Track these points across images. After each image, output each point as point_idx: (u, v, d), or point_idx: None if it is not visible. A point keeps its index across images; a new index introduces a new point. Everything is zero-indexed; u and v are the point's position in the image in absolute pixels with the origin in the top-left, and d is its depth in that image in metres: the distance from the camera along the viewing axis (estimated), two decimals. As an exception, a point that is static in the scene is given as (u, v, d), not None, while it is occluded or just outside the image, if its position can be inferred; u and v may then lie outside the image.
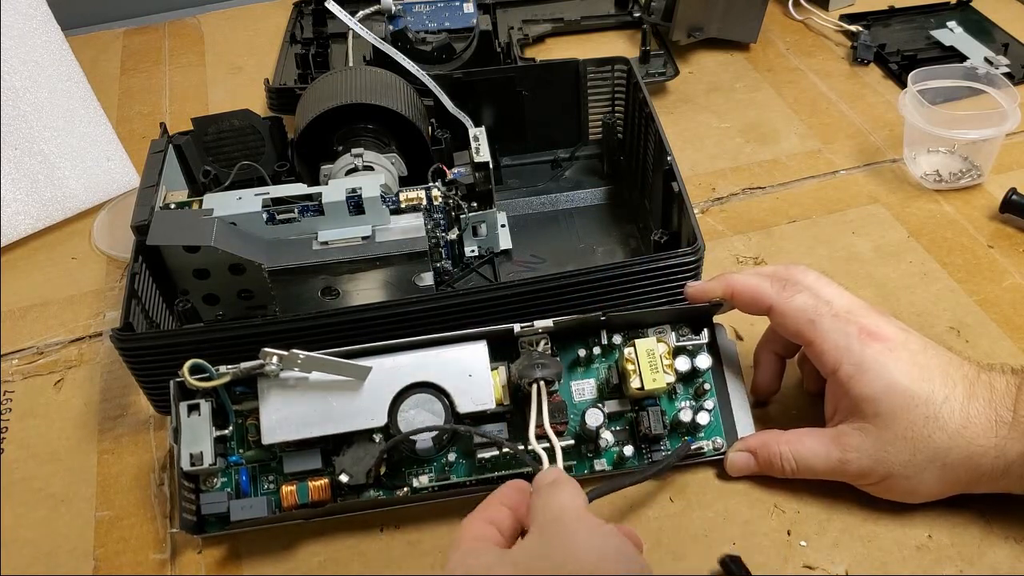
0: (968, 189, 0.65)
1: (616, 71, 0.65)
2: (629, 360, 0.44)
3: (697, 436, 0.46)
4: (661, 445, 0.46)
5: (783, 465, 0.44)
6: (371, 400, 0.43)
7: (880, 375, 0.41)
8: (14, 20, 0.65)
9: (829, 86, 0.77)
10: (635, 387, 0.44)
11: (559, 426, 0.43)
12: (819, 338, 0.43)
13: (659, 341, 0.45)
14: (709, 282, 0.46)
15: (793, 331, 0.44)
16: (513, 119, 0.67)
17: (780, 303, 0.44)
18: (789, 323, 0.44)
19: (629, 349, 0.45)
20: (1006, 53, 0.77)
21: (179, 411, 0.44)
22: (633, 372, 0.44)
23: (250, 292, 0.54)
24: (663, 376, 0.44)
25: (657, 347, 0.44)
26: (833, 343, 0.42)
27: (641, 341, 0.45)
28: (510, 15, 0.87)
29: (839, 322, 0.43)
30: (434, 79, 0.62)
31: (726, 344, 0.48)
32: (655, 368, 0.44)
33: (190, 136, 0.60)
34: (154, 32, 0.93)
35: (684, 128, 0.73)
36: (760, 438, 0.45)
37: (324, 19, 0.85)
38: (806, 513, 0.44)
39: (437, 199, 0.54)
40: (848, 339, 0.42)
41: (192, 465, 0.43)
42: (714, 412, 0.47)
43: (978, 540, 0.43)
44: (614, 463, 0.46)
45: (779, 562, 0.43)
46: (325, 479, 0.44)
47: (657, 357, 0.44)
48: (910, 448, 0.41)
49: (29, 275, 0.64)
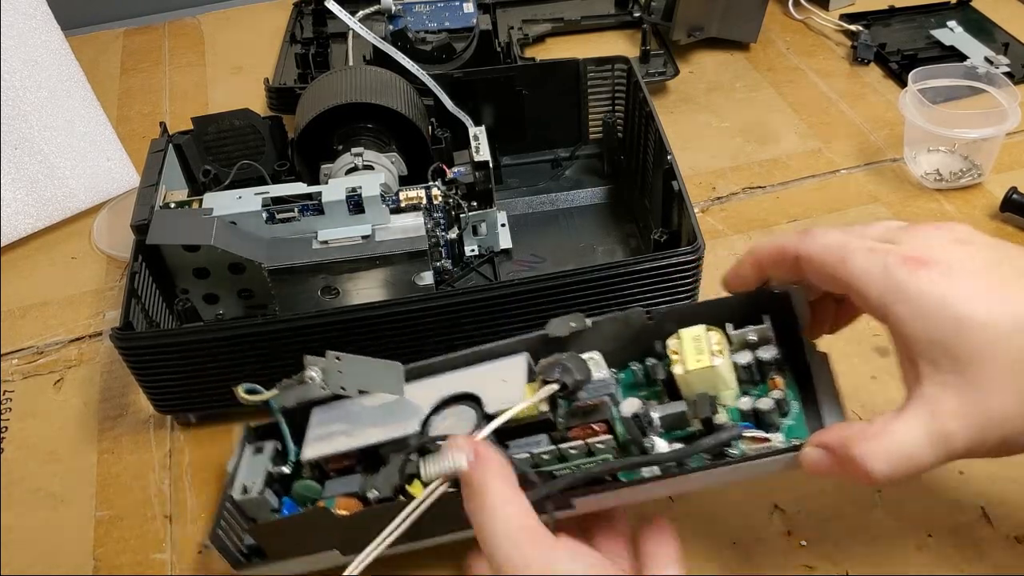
0: (968, 188, 0.65)
1: (616, 71, 0.65)
2: (674, 351, 0.39)
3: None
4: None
5: (869, 467, 0.33)
6: (407, 416, 0.42)
7: (941, 311, 0.32)
8: (14, 20, 0.65)
9: (829, 86, 0.77)
10: (678, 373, 0.38)
11: (597, 427, 0.38)
12: (855, 279, 0.34)
13: (709, 329, 0.39)
14: (736, 263, 0.41)
15: (827, 277, 0.36)
16: (513, 118, 0.67)
17: (804, 246, 0.36)
18: (819, 268, 0.36)
19: (673, 340, 0.39)
20: (1006, 52, 0.77)
21: (244, 451, 0.44)
22: (677, 360, 0.38)
23: (250, 291, 0.54)
24: (709, 357, 0.38)
25: (706, 334, 0.39)
26: (872, 283, 0.34)
27: (687, 329, 0.39)
28: (510, 15, 0.87)
29: (876, 255, 0.34)
30: (434, 78, 0.62)
31: (807, 345, 0.40)
32: (700, 351, 0.38)
33: (190, 136, 0.60)
34: (154, 32, 0.93)
35: (684, 128, 0.73)
36: (839, 434, 0.34)
37: (324, 19, 0.85)
38: (806, 513, 0.44)
39: (437, 198, 0.54)
40: (889, 274, 0.33)
41: (243, 493, 0.42)
42: (792, 409, 0.38)
43: (978, 540, 0.43)
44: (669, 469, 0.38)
45: (779, 562, 0.43)
46: (354, 499, 0.41)
47: (705, 343, 0.38)
48: (1019, 387, 0.31)
49: (29, 275, 0.64)
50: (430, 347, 0.48)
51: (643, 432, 0.38)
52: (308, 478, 0.42)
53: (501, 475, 0.35)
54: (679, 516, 0.45)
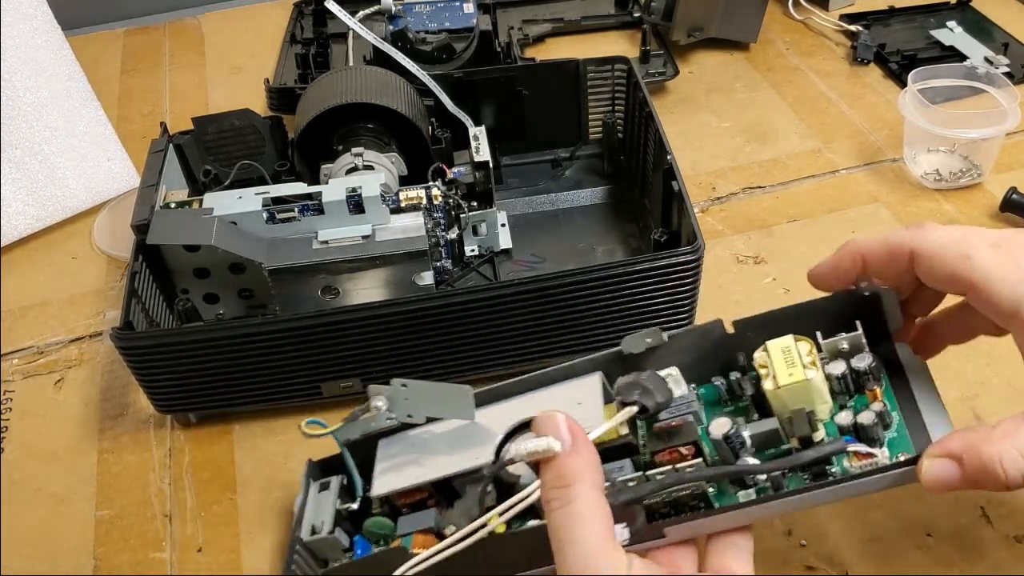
0: (968, 188, 0.65)
1: (616, 71, 0.65)
2: (762, 364, 0.36)
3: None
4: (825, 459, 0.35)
5: (1006, 469, 0.31)
6: (479, 443, 0.39)
7: None
8: (15, 20, 0.65)
9: (829, 86, 0.77)
10: (769, 388, 0.35)
11: (684, 451, 0.36)
12: (983, 276, 0.32)
13: (797, 340, 0.36)
14: (831, 257, 0.38)
15: (946, 275, 0.34)
16: (513, 119, 0.67)
17: (920, 241, 0.34)
18: (937, 266, 0.34)
19: (761, 353, 0.36)
20: (1006, 52, 0.77)
21: (309, 488, 0.42)
22: (766, 374, 0.36)
23: (250, 291, 0.54)
24: (802, 371, 0.35)
25: (796, 345, 0.36)
26: (1002, 282, 0.32)
27: (774, 341, 0.36)
28: (510, 15, 0.87)
29: (1004, 251, 0.33)
30: (434, 79, 0.62)
31: (901, 350, 0.38)
32: (792, 363, 0.35)
33: (190, 136, 0.60)
34: (154, 32, 0.93)
35: (684, 128, 0.73)
36: (964, 439, 0.32)
37: (324, 19, 0.85)
38: (807, 513, 0.44)
39: (437, 198, 0.54)
40: (1022, 268, 0.32)
41: (313, 534, 0.40)
42: (894, 421, 0.36)
43: (978, 540, 0.43)
44: (765, 492, 0.36)
45: (779, 562, 0.43)
46: (431, 535, 0.38)
47: (795, 354, 0.35)
48: None
49: (29, 275, 0.64)
50: (431, 347, 0.48)
51: (735, 454, 0.35)
52: (379, 514, 0.40)
53: (593, 473, 0.32)
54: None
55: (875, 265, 0.36)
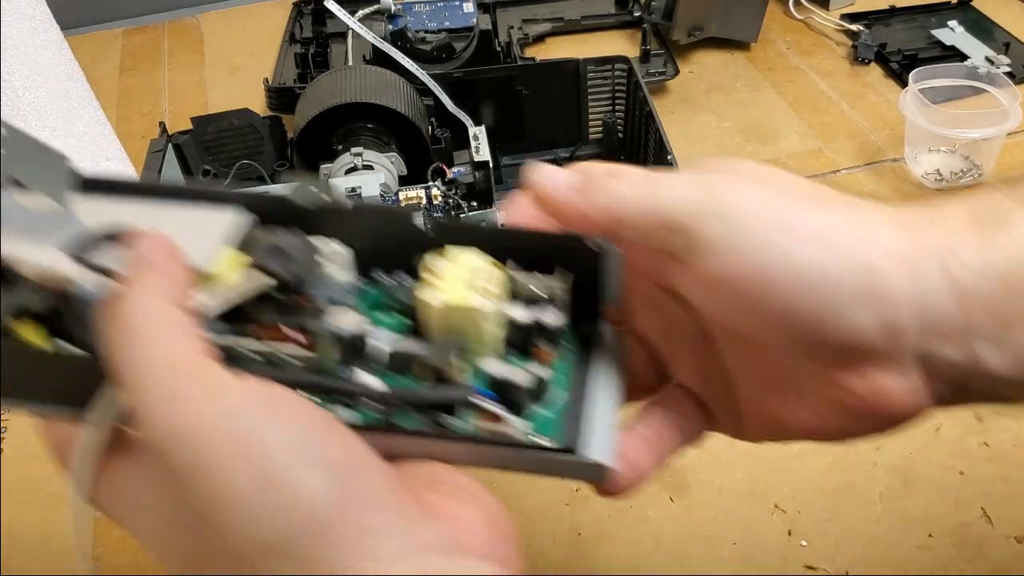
0: (969, 188, 0.65)
1: (616, 70, 0.65)
2: (430, 271, 0.27)
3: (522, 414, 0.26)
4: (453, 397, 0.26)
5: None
6: (60, 229, 0.28)
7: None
8: (13, 20, 0.65)
9: (830, 85, 0.77)
10: (425, 299, 0.26)
11: (291, 333, 0.26)
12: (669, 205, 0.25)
13: (495, 264, 0.27)
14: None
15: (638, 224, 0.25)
16: (513, 118, 0.67)
17: (597, 204, 0.26)
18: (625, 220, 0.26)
19: (435, 258, 0.27)
20: (1007, 52, 0.77)
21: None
22: (431, 285, 0.26)
23: (249, 292, 0.53)
24: (471, 296, 0.26)
25: (489, 269, 0.27)
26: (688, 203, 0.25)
27: (464, 252, 0.27)
28: (510, 14, 0.87)
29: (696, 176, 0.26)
30: (434, 78, 0.62)
31: (606, 331, 0.29)
32: (470, 286, 0.26)
33: (189, 135, 0.60)
34: (153, 32, 0.93)
35: (685, 127, 0.73)
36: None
37: (324, 18, 0.85)
38: (807, 513, 0.44)
39: (437, 198, 0.54)
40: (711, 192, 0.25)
41: None
42: (556, 399, 0.27)
43: (979, 540, 0.43)
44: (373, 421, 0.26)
45: (780, 562, 0.43)
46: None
47: (480, 278, 0.27)
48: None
49: (28, 275, 0.64)
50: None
51: (354, 359, 0.27)
52: None
53: (170, 283, 0.23)
54: (677, 515, 0.45)
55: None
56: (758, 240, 0.23)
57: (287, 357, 0.26)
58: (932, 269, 0.23)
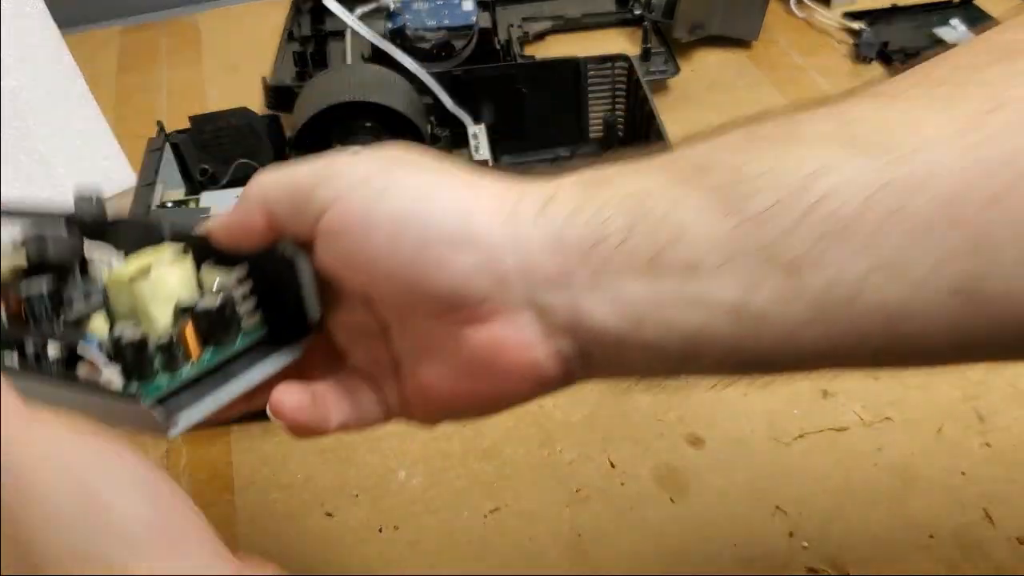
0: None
1: (617, 69, 0.65)
2: (134, 259, 0.30)
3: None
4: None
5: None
6: None
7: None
8: (11, 18, 0.65)
9: (831, 84, 0.77)
10: (104, 277, 0.30)
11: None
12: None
13: (182, 258, 0.30)
14: (238, 206, 0.30)
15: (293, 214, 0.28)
16: (513, 117, 0.66)
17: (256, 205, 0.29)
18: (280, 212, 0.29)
19: (144, 251, 0.30)
20: (1009, 50, 0.77)
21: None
22: (119, 268, 0.30)
23: (248, 291, 0.53)
24: (128, 273, 0.29)
25: (173, 258, 0.30)
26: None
27: (170, 247, 0.30)
28: (510, 12, 0.86)
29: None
30: (433, 76, 0.62)
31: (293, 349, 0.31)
32: (140, 269, 0.29)
33: (187, 134, 0.60)
34: (151, 30, 0.92)
35: (685, 126, 0.72)
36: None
37: (322, 17, 0.85)
38: (808, 514, 0.44)
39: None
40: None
41: None
42: (181, 373, 0.28)
43: (981, 541, 0.42)
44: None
45: (781, 563, 0.42)
46: None
47: (163, 263, 0.29)
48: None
49: (26, 274, 0.64)
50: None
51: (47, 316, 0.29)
52: None
53: None
54: (679, 516, 0.44)
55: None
56: (362, 192, 0.26)
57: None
58: (528, 217, 0.24)
